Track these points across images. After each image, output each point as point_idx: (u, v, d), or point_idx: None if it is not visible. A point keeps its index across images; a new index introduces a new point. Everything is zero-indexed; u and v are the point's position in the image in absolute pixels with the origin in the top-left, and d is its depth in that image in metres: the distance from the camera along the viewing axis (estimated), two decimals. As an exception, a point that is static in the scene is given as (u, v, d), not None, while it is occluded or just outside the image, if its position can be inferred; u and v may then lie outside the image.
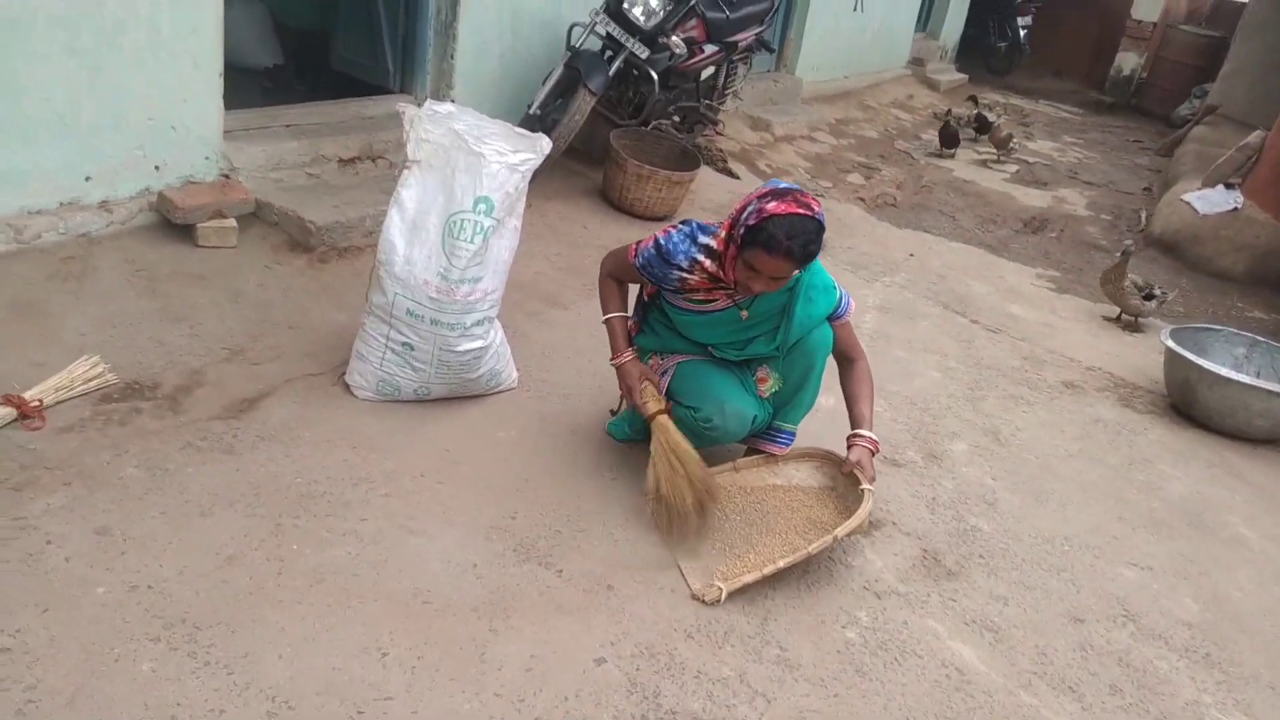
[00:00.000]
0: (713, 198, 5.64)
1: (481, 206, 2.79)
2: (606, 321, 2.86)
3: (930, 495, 3.14)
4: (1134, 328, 5.06)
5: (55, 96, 3.21)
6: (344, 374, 3.02)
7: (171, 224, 3.56)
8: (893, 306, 4.70)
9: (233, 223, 3.64)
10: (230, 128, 3.85)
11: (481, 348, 2.95)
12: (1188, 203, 6.68)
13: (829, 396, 3.02)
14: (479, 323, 2.91)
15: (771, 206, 2.44)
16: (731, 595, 2.44)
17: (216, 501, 2.43)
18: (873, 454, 2.76)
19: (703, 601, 2.41)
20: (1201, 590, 2.93)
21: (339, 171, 4.24)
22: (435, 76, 4.78)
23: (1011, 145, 8.71)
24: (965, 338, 4.51)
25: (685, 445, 2.64)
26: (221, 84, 3.69)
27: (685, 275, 2.67)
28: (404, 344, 2.88)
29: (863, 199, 6.63)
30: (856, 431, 2.79)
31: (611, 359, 2.84)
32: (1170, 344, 4.05)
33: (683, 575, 2.51)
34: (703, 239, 2.67)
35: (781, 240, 2.40)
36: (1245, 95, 9.36)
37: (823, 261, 2.71)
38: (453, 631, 2.19)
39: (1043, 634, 2.60)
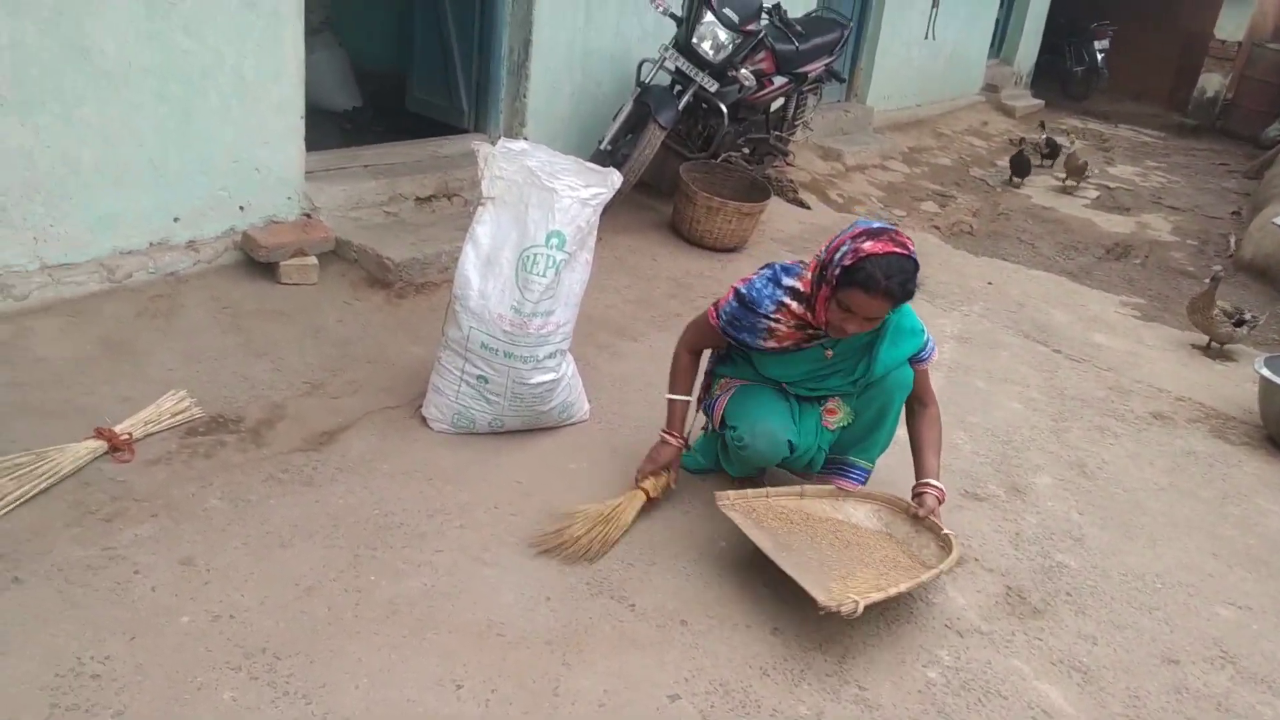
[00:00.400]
0: (783, 228, 5.62)
1: (554, 240, 2.82)
2: (670, 401, 2.84)
3: (1014, 530, 3.05)
4: (1224, 356, 4.87)
5: (147, 142, 3.35)
6: (420, 407, 3.06)
7: (255, 262, 3.67)
8: (972, 336, 4.61)
9: (314, 260, 3.74)
10: (311, 168, 3.98)
11: (554, 380, 2.97)
12: (1277, 225, 6.43)
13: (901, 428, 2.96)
14: (551, 355, 2.93)
15: (868, 246, 2.40)
16: (807, 632, 2.39)
17: (296, 533, 2.48)
18: (940, 503, 2.72)
19: (838, 613, 2.29)
20: (1306, 632, 2.78)
21: (416, 209, 4.34)
22: (508, 115, 4.87)
23: (1087, 173, 8.50)
24: (1047, 368, 4.39)
25: (625, 520, 2.66)
26: (303, 127, 3.82)
27: (773, 324, 2.62)
28: (479, 377, 2.91)
29: (938, 227, 6.54)
30: (925, 480, 2.74)
31: (663, 429, 2.83)
32: (1266, 373, 3.88)
33: (803, 589, 2.36)
34: (787, 281, 2.62)
35: (880, 280, 2.37)
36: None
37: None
38: (526, 665, 2.19)
39: (1134, 675, 2.48)
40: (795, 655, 2.35)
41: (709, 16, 4.64)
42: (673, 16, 4.76)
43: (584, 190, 2.85)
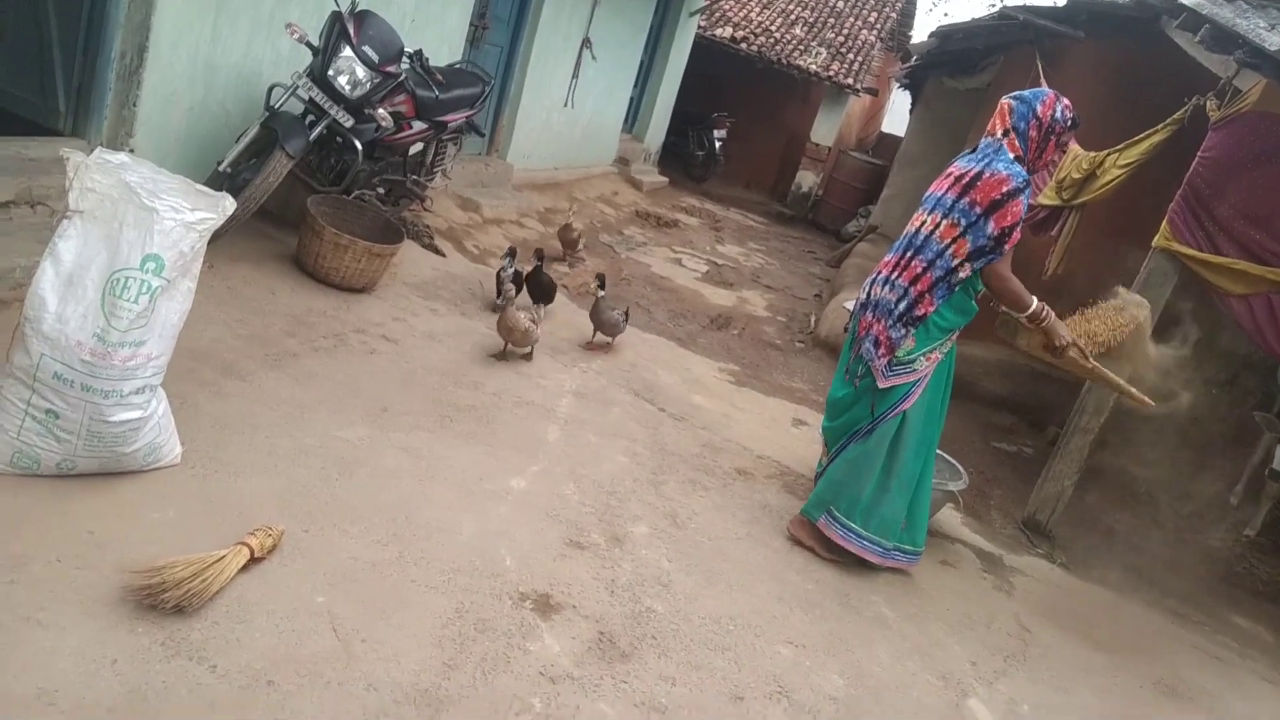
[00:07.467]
0: (416, 273, 5.60)
1: (150, 265, 2.59)
2: (1034, 308, 3.64)
3: (611, 577, 3.22)
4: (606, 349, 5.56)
5: None
6: (-32, 443, 2.65)
7: None
8: (588, 392, 4.84)
9: None
10: None
11: (140, 419, 2.71)
12: (847, 309, 7.47)
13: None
14: (139, 391, 2.68)
15: (1066, 101, 3.57)
16: (402, 686, 2.36)
17: None
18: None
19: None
20: (846, 666, 3.19)
21: (-11, 215, 3.79)
22: (114, 123, 4.42)
23: (580, 246, 7.84)
24: (652, 424, 4.72)
25: (229, 573, 2.53)
26: None
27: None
28: (48, 411, 2.59)
29: (566, 286, 6.83)
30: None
31: (1042, 319, 3.66)
32: (828, 437, 4.45)
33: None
34: (1009, 158, 3.49)
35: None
36: (900, 218, 10.68)
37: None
38: (77, 738, 1.95)
39: (705, 712, 2.71)
40: (389, 710, 2.31)
41: (347, 51, 4.55)
42: (309, 45, 4.59)
43: (190, 213, 2.65)
